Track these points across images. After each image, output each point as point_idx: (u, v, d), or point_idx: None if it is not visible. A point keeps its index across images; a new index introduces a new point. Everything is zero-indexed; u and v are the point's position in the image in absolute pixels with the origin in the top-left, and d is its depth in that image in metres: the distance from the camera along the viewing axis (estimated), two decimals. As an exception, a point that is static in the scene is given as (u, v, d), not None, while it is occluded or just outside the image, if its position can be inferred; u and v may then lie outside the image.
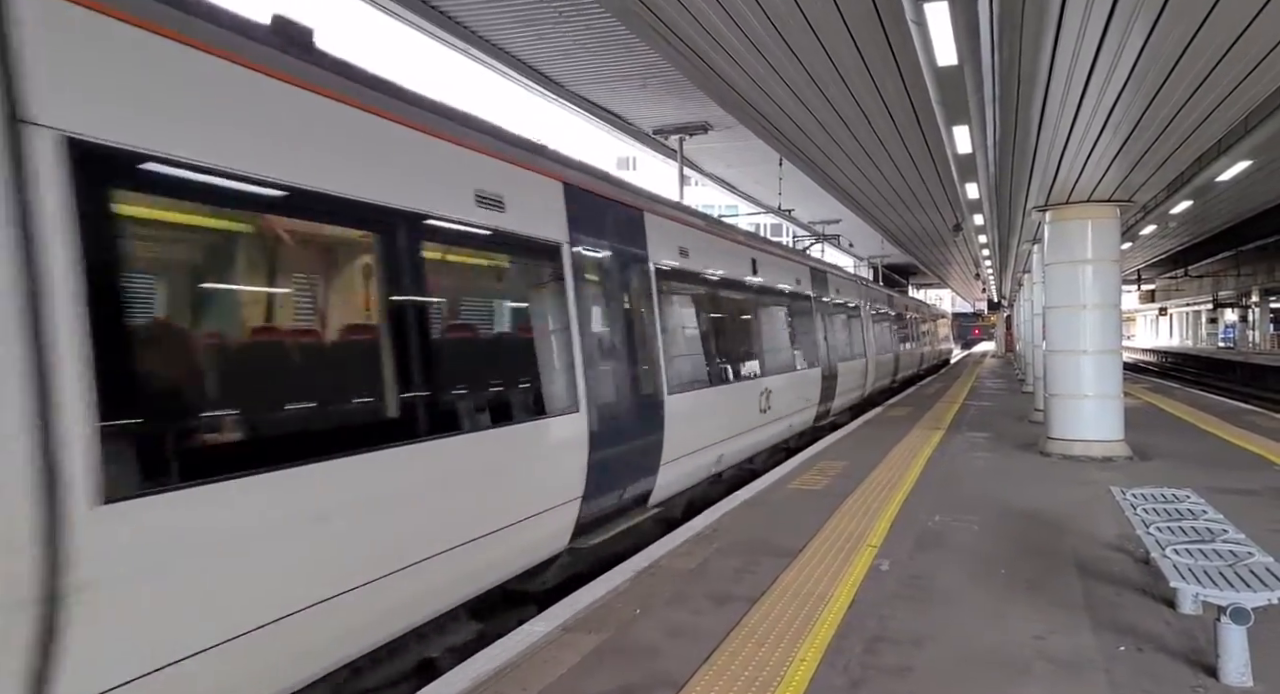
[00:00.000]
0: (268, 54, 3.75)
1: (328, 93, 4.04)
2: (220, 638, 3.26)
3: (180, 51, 3.29)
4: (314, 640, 3.78)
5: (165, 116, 3.21)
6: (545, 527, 5.69)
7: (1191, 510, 5.85)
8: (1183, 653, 4.45)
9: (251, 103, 3.61)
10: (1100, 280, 10.92)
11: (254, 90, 3.62)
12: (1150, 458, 10.65)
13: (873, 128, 13.32)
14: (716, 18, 8.12)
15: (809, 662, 4.35)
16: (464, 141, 5.13)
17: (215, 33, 3.49)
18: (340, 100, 4.12)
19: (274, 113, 3.73)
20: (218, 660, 3.24)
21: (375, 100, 4.40)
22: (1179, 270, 42.52)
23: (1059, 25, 5.48)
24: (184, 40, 3.30)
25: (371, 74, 4.59)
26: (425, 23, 10.59)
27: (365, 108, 4.29)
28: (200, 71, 3.38)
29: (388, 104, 4.49)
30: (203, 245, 3.68)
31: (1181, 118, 7.59)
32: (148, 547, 3.01)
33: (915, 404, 18.98)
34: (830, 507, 7.99)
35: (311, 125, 3.94)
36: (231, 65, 3.51)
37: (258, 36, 3.79)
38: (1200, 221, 26.66)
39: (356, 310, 4.43)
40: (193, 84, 3.35)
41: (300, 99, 3.87)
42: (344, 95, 4.16)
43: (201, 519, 3.21)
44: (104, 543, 2.84)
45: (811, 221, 30.25)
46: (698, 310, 9.11)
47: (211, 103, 3.43)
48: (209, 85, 3.42)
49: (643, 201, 7.88)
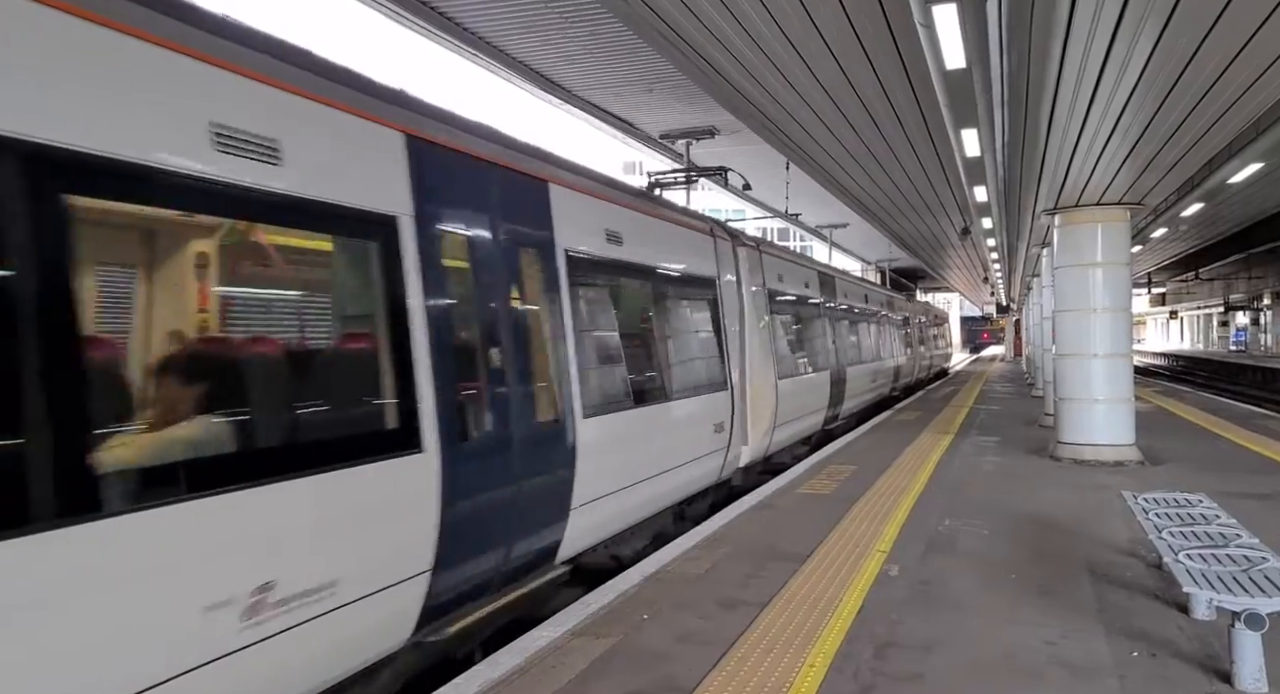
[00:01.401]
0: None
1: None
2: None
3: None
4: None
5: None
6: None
7: (1204, 515, 5.81)
8: (1196, 659, 4.41)
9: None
10: (1110, 283, 10.86)
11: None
12: (1162, 462, 10.58)
13: (880, 131, 13.29)
14: (723, 21, 8.11)
15: (818, 668, 4.33)
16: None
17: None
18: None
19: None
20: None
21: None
22: (1190, 273, 42.30)
23: (1068, 29, 5.46)
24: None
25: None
26: (431, 28, 10.61)
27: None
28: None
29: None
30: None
31: (1191, 121, 7.56)
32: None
33: (925, 408, 18.92)
34: (839, 511, 7.96)
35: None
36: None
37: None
38: (1211, 224, 26.55)
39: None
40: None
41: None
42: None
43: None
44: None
45: (819, 225, 30.23)
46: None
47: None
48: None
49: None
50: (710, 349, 9.15)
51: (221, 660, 3.23)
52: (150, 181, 3.19)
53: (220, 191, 3.44)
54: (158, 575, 3.06)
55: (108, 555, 2.91)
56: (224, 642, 3.25)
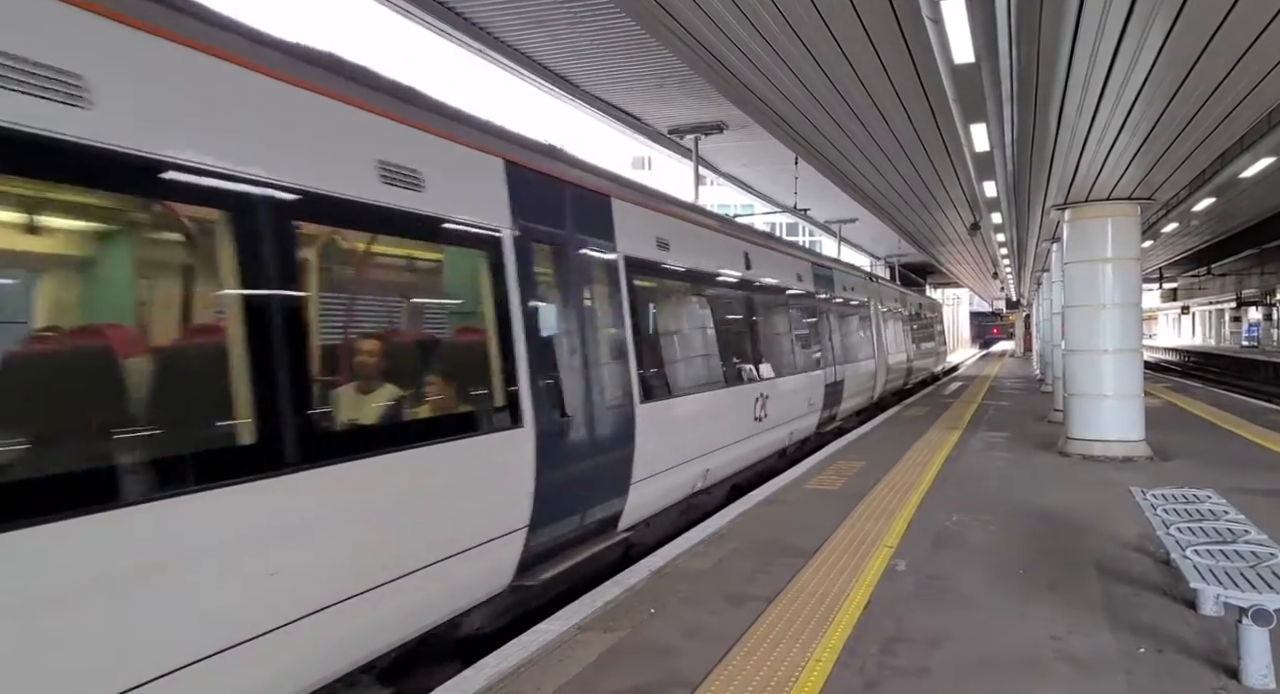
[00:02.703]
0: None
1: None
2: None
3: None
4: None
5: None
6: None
7: (1213, 511, 5.80)
8: (1204, 654, 4.40)
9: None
10: (1120, 279, 10.82)
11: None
12: (1171, 458, 10.54)
13: (889, 126, 13.24)
14: (731, 17, 8.09)
15: (824, 662, 4.34)
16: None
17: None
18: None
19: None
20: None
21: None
22: (1201, 269, 42.03)
23: (1077, 23, 5.44)
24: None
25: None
26: (440, 24, 10.63)
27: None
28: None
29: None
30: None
31: (1202, 116, 7.51)
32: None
33: (933, 404, 18.88)
34: (847, 507, 7.97)
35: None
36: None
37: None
38: (1223, 219, 26.34)
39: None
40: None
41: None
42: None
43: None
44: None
45: (828, 221, 30.15)
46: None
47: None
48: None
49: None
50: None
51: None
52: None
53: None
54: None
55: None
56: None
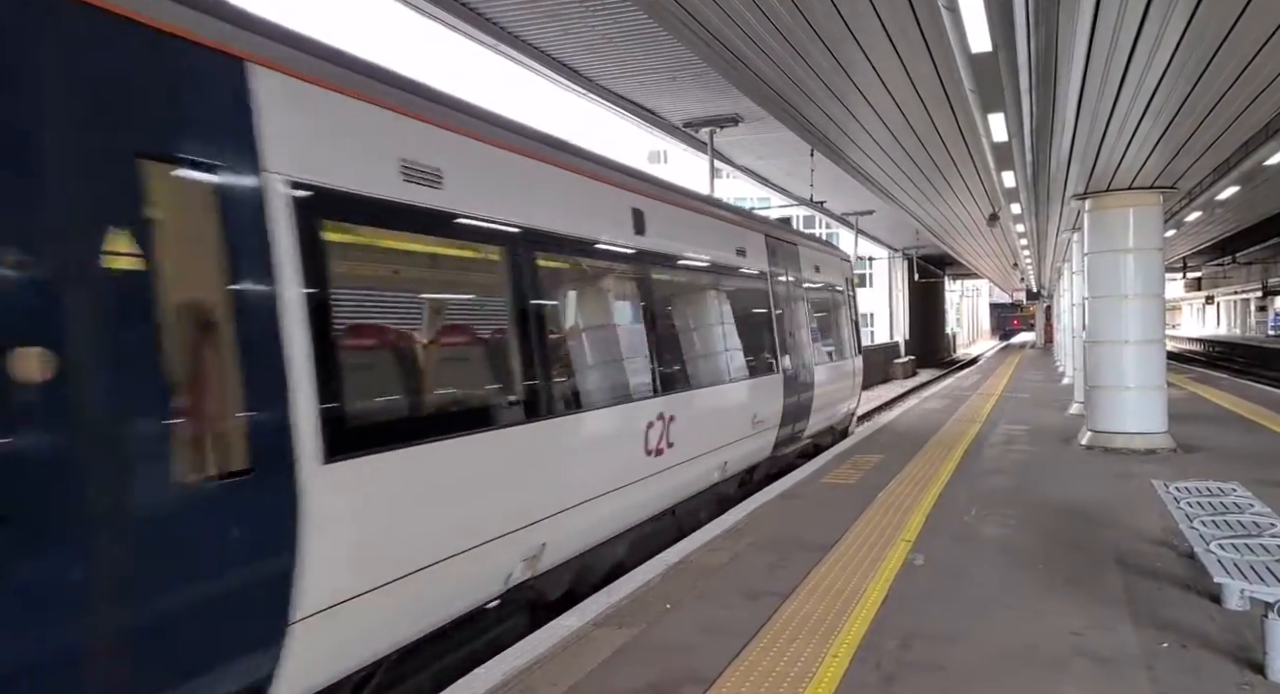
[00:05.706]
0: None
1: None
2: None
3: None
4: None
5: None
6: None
7: (1238, 504, 5.71)
8: (1228, 650, 4.33)
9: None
10: (1143, 269, 10.67)
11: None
12: (1195, 450, 10.40)
13: (905, 117, 13.09)
14: (743, 7, 8.03)
15: (841, 658, 4.31)
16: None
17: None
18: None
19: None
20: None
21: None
22: (1226, 258, 41.40)
23: (1096, 9, 5.34)
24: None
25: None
26: (453, 19, 10.62)
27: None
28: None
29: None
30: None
31: (1225, 103, 7.38)
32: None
33: (952, 398, 18.74)
34: (864, 501, 7.92)
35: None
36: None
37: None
38: (1249, 207, 25.88)
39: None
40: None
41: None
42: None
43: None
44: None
45: (845, 213, 29.97)
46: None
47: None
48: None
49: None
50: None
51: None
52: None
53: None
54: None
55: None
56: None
